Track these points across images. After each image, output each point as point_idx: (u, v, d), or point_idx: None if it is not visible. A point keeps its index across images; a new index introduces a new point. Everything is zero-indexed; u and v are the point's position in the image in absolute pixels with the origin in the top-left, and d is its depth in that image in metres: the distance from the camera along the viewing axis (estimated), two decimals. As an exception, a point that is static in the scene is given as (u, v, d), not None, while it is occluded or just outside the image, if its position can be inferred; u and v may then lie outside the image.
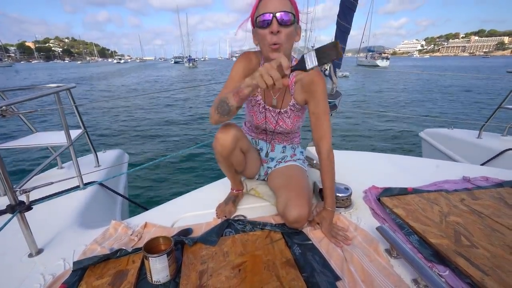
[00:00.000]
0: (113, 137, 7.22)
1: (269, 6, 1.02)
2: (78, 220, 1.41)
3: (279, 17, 1.02)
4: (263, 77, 0.84)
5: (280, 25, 1.03)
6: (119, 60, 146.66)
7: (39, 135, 2.12)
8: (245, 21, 1.15)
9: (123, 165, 2.52)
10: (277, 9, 1.01)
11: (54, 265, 1.05)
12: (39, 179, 1.88)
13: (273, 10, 1.02)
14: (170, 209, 1.43)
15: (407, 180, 1.64)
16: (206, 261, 1.02)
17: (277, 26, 1.02)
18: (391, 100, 12.96)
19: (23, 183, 1.42)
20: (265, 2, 1.04)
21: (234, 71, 1.24)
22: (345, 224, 1.25)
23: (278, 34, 1.04)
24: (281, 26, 1.03)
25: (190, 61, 57.10)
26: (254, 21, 1.10)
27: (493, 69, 37.96)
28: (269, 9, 1.02)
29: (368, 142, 6.65)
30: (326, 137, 1.23)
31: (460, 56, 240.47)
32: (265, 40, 1.07)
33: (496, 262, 0.95)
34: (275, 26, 1.02)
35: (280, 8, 1.02)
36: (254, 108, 1.38)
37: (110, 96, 14.87)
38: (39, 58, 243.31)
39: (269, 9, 1.02)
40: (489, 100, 12.44)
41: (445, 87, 16.97)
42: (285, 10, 1.02)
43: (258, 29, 1.08)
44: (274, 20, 1.02)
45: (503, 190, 1.51)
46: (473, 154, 2.74)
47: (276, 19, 1.02)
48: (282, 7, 1.02)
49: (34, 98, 1.36)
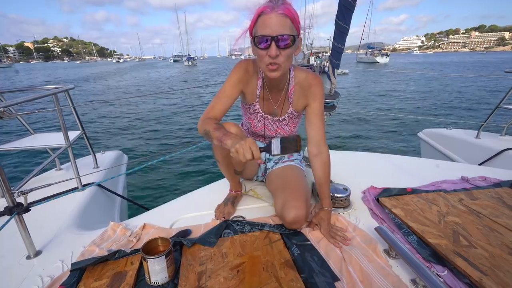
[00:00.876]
0: (112, 138, 7.21)
1: (268, 27, 0.96)
2: (77, 222, 1.40)
3: (279, 41, 0.97)
4: (239, 155, 0.91)
5: (278, 47, 0.99)
6: (118, 59, 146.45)
7: (38, 137, 2.11)
8: (244, 33, 1.09)
9: (122, 166, 2.51)
10: (277, 32, 0.95)
11: (53, 267, 1.05)
12: (38, 181, 1.87)
13: (273, 32, 0.96)
14: (168, 210, 1.43)
15: (406, 180, 1.64)
16: (205, 262, 1.01)
17: (275, 50, 0.98)
18: (389, 99, 12.98)
19: (21, 185, 1.42)
20: (264, 20, 0.97)
21: (228, 84, 1.21)
22: (344, 224, 1.26)
23: (277, 57, 1.01)
24: (280, 49, 0.99)
25: (189, 59, 57.19)
26: (252, 36, 1.05)
27: (486, 65, 38.05)
28: (267, 31, 0.96)
29: (367, 142, 6.66)
30: (324, 139, 1.25)
31: (461, 51, 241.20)
32: (262, 60, 1.03)
33: (495, 262, 0.96)
34: (274, 51, 0.98)
35: (280, 31, 0.95)
36: (252, 116, 1.37)
37: (108, 97, 14.84)
38: (38, 58, 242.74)
39: (267, 31, 0.96)
40: (486, 98, 12.46)
41: (445, 86, 17.00)
42: (285, 34, 0.96)
43: (256, 48, 1.03)
44: (273, 44, 0.97)
45: (502, 190, 1.51)
46: (471, 154, 2.74)
47: (275, 43, 0.97)
48: (282, 29, 0.96)
49: (32, 99, 1.36)
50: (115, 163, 2.41)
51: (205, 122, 1.12)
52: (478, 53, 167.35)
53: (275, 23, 0.95)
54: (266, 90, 1.27)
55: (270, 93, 1.28)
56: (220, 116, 1.19)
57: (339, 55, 1.83)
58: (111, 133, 7.70)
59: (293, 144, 0.94)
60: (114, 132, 7.73)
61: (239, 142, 0.92)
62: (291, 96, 1.28)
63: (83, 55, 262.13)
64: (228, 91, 1.21)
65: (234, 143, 0.94)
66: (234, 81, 1.21)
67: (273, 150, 0.95)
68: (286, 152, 0.96)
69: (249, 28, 1.06)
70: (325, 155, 1.24)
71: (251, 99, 1.30)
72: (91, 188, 1.76)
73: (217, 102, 1.20)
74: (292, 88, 1.27)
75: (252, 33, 1.04)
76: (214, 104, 1.19)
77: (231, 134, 1.01)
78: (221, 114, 1.20)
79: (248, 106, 1.34)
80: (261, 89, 1.27)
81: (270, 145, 0.96)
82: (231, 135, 0.99)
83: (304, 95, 1.26)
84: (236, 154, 0.92)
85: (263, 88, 1.27)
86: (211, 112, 1.18)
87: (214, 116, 1.17)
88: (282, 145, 0.95)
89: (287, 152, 0.96)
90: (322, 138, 1.25)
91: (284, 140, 0.95)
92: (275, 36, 0.96)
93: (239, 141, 0.93)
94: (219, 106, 1.19)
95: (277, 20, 0.95)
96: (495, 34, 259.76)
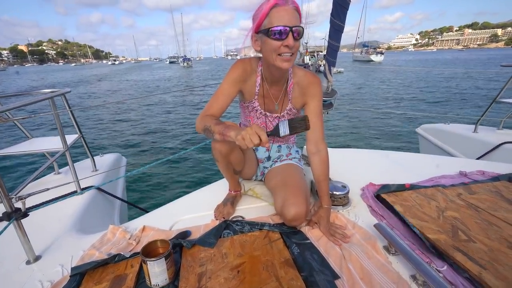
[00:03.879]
0: (110, 141, 7.19)
1: (285, 18, 1.01)
2: (76, 226, 1.40)
3: (295, 32, 1.02)
4: (245, 141, 0.91)
5: (295, 39, 1.03)
6: (114, 61, 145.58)
7: (35, 141, 2.10)
8: (252, 29, 1.11)
9: (121, 169, 2.51)
10: (293, 23, 1.01)
11: (52, 272, 1.04)
12: (36, 186, 1.87)
13: (290, 23, 1.01)
14: (168, 212, 1.43)
15: (404, 176, 1.65)
16: (205, 263, 1.01)
17: (293, 40, 1.02)
18: (384, 95, 13.02)
19: (19, 190, 1.41)
20: (279, 13, 1.01)
21: (226, 83, 1.21)
22: (343, 222, 1.26)
23: (293, 47, 1.05)
24: (295, 40, 1.04)
25: (185, 60, 57.24)
26: (262, 30, 1.06)
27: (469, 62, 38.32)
28: (285, 22, 1.00)
29: (365, 139, 6.67)
30: (322, 137, 1.27)
31: (454, 49, 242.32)
32: (276, 51, 1.06)
33: (493, 256, 0.96)
34: (292, 41, 1.02)
35: (295, 22, 1.02)
36: (251, 113, 1.37)
37: (105, 100, 14.79)
38: (32, 61, 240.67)
39: (285, 22, 1.00)
40: (484, 92, 12.51)
41: (441, 81, 17.09)
42: (300, 25, 1.03)
43: (269, 39, 1.04)
44: (291, 35, 1.01)
45: (499, 183, 1.52)
46: (469, 148, 2.75)
47: (292, 33, 1.01)
48: (296, 21, 1.02)
49: (28, 104, 1.35)
50: (114, 165, 2.40)
51: (204, 119, 1.13)
52: (457, 51, 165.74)
53: (291, 14, 1.01)
54: (266, 87, 1.28)
55: (270, 89, 1.29)
56: (218, 114, 1.19)
57: (335, 53, 1.83)
58: (109, 135, 7.68)
59: (302, 124, 0.95)
60: (112, 135, 7.71)
61: (243, 129, 0.93)
62: (290, 92, 1.29)
63: (78, 58, 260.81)
64: (226, 90, 1.21)
65: (238, 132, 0.95)
66: (232, 80, 1.22)
67: (282, 132, 0.96)
68: (295, 132, 0.96)
69: (257, 22, 1.06)
70: (324, 153, 1.25)
71: (250, 97, 1.31)
72: (90, 191, 1.75)
73: (215, 100, 1.20)
74: (291, 85, 1.28)
75: (261, 26, 1.06)
76: (212, 103, 1.20)
77: (233, 126, 1.02)
78: (220, 112, 1.20)
79: (247, 104, 1.34)
80: (260, 86, 1.28)
81: (277, 128, 0.97)
82: (234, 127, 1.01)
83: (303, 93, 1.28)
84: (242, 141, 0.92)
85: (262, 85, 1.28)
86: (210, 110, 1.19)
87: (212, 114, 1.18)
88: (290, 125, 0.95)
89: (296, 132, 0.96)
90: (320, 136, 1.26)
91: (292, 121, 0.96)
92: (292, 26, 1.01)
93: (243, 129, 0.94)
94: (218, 104, 1.20)
95: (291, 12, 1.01)
96: (488, 31, 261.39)
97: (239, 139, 0.93)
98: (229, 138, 0.99)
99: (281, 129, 0.96)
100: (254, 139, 0.90)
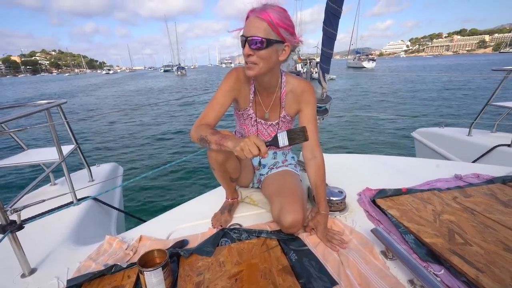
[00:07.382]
0: (107, 151, 7.15)
1: (246, 28, 1.05)
2: (72, 237, 1.39)
3: (250, 42, 1.04)
4: (244, 152, 0.92)
5: (251, 48, 1.05)
6: (108, 71, 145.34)
7: (31, 153, 2.09)
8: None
9: (117, 178, 2.49)
10: (250, 33, 1.03)
11: (48, 284, 1.03)
12: (32, 197, 1.85)
13: (247, 33, 1.04)
14: (165, 221, 1.42)
15: (400, 181, 1.66)
16: (203, 272, 1.01)
17: (248, 49, 1.06)
18: (378, 100, 13.13)
19: (14, 202, 1.40)
20: (247, 22, 1.06)
21: (221, 92, 1.23)
22: (340, 227, 1.26)
23: (250, 56, 1.08)
24: (253, 50, 1.05)
25: (179, 69, 57.51)
26: None
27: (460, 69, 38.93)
28: (244, 32, 1.06)
29: (360, 145, 6.70)
30: (317, 143, 1.28)
31: (445, 55, 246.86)
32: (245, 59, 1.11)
33: (490, 258, 0.97)
34: (247, 49, 1.06)
35: (253, 32, 1.03)
36: (246, 121, 1.39)
37: (102, 111, 14.76)
38: (25, 72, 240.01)
39: (244, 32, 1.06)
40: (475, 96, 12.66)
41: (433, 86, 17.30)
42: (256, 36, 1.02)
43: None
44: (246, 44, 1.06)
45: (494, 186, 1.53)
46: (464, 151, 2.78)
47: (247, 43, 1.05)
48: (255, 31, 1.03)
49: (24, 115, 1.35)
50: (110, 175, 2.39)
51: (199, 128, 1.13)
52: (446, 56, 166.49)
53: (251, 24, 1.04)
54: (258, 94, 1.29)
55: (261, 96, 1.30)
56: (213, 123, 1.20)
57: (328, 60, 1.85)
58: (106, 146, 7.63)
59: (300, 135, 0.96)
60: (109, 145, 7.66)
61: (242, 140, 0.93)
62: (283, 100, 1.30)
63: (72, 68, 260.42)
64: (220, 99, 1.22)
65: (236, 143, 0.95)
66: (226, 89, 1.23)
67: (281, 143, 0.97)
68: (294, 143, 0.97)
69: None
70: (319, 158, 1.26)
71: (245, 104, 1.32)
72: (86, 202, 1.74)
73: (210, 109, 1.21)
74: (284, 93, 1.29)
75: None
76: (207, 112, 1.21)
77: (229, 135, 1.03)
78: (215, 121, 1.21)
79: (241, 112, 1.35)
80: (254, 94, 1.30)
81: (276, 139, 0.97)
82: (230, 137, 1.01)
83: (297, 101, 1.29)
84: (241, 152, 0.93)
85: (256, 93, 1.30)
86: (205, 119, 1.19)
87: (207, 123, 1.18)
88: (289, 137, 0.96)
89: (294, 143, 0.97)
90: (315, 143, 1.27)
91: (290, 132, 0.97)
92: (248, 36, 1.04)
93: (241, 140, 0.94)
94: (212, 113, 1.20)
95: (253, 22, 1.03)
96: (476, 37, 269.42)
97: (238, 150, 0.93)
98: (227, 148, 1.00)
99: (280, 141, 0.97)
100: (253, 150, 0.91)
